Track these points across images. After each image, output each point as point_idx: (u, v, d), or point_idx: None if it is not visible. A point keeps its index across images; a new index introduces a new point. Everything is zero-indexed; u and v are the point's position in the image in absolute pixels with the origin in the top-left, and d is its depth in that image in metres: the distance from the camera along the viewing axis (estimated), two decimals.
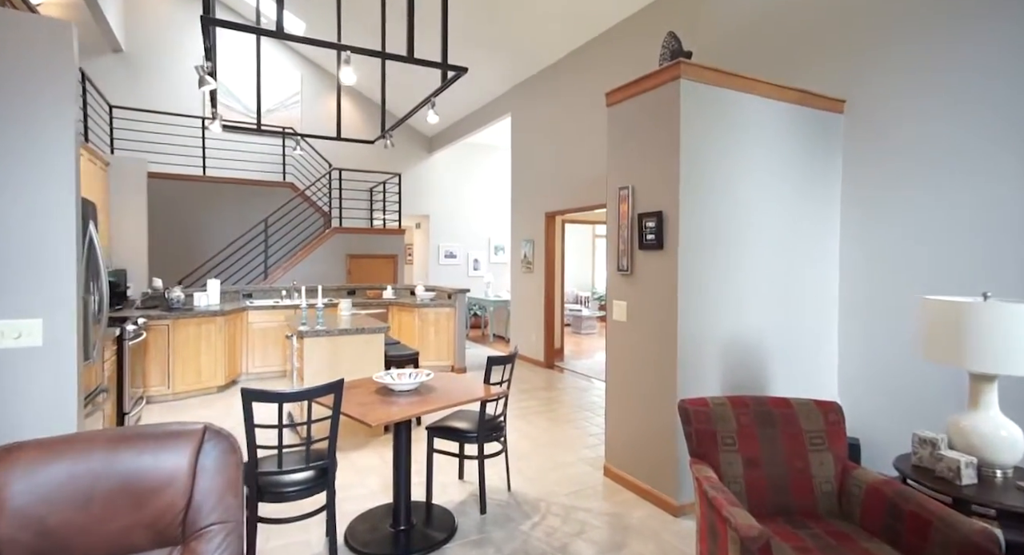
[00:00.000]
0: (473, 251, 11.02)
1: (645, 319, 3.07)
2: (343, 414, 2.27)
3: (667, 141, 2.90)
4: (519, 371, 6.58)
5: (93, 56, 7.77)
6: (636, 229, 3.14)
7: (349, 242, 7.94)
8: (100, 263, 2.77)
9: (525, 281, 7.38)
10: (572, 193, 6.36)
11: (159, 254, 7.36)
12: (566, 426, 4.43)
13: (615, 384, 3.34)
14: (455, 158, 10.78)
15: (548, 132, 6.85)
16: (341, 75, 3.65)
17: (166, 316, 4.95)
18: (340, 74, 3.64)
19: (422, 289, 6.75)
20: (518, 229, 7.62)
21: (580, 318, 9.78)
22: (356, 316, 4.69)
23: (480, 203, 11.10)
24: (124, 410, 4.01)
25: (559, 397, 5.38)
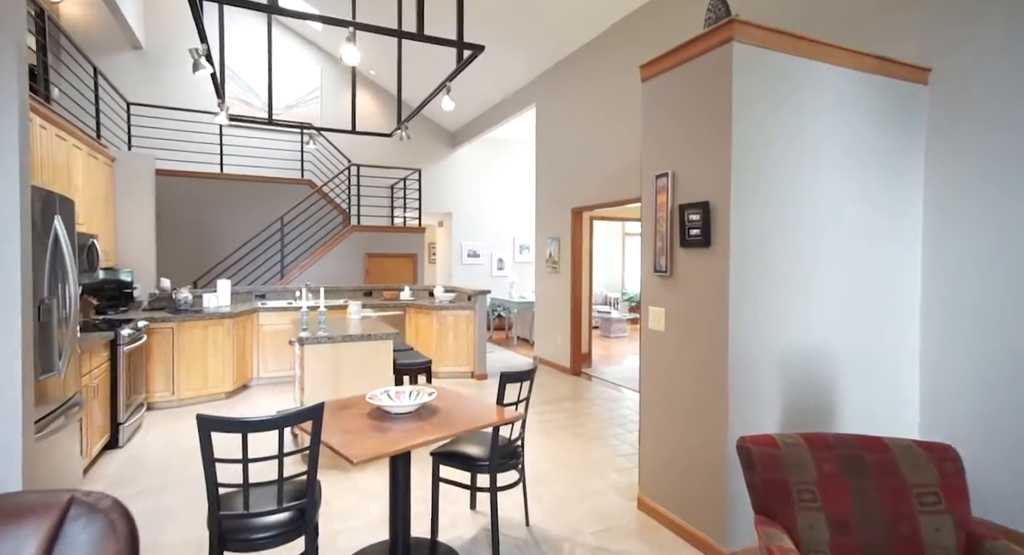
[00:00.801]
0: (497, 250, 10.64)
1: (688, 329, 2.60)
2: (324, 444, 1.89)
3: (716, 118, 2.43)
4: (542, 378, 6.15)
5: (112, 53, 7.70)
6: (677, 223, 2.67)
7: (367, 241, 7.66)
8: (68, 263, 2.47)
9: (550, 281, 6.95)
10: (600, 187, 5.89)
11: (175, 254, 7.21)
12: (593, 444, 3.98)
13: (650, 402, 2.89)
14: (478, 153, 10.40)
15: (575, 122, 6.40)
16: (344, 54, 3.29)
17: (171, 318, 4.71)
18: (343, 52, 3.29)
19: (441, 290, 6.39)
20: (543, 226, 7.18)
21: (609, 321, 9.28)
22: (366, 320, 4.35)
23: (504, 200, 10.70)
24: (119, 420, 3.75)
25: (586, 409, 4.93)
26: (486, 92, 8.28)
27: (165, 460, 3.57)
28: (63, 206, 2.59)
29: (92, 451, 3.33)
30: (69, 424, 2.61)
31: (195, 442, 3.94)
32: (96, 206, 4.46)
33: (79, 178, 4.04)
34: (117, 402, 3.75)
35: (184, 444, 3.88)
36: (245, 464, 1.75)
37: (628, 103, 5.40)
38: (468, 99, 8.71)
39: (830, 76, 2.55)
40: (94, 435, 3.39)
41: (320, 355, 3.53)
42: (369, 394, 2.27)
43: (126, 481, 3.24)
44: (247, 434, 1.73)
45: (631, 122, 5.35)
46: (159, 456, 3.64)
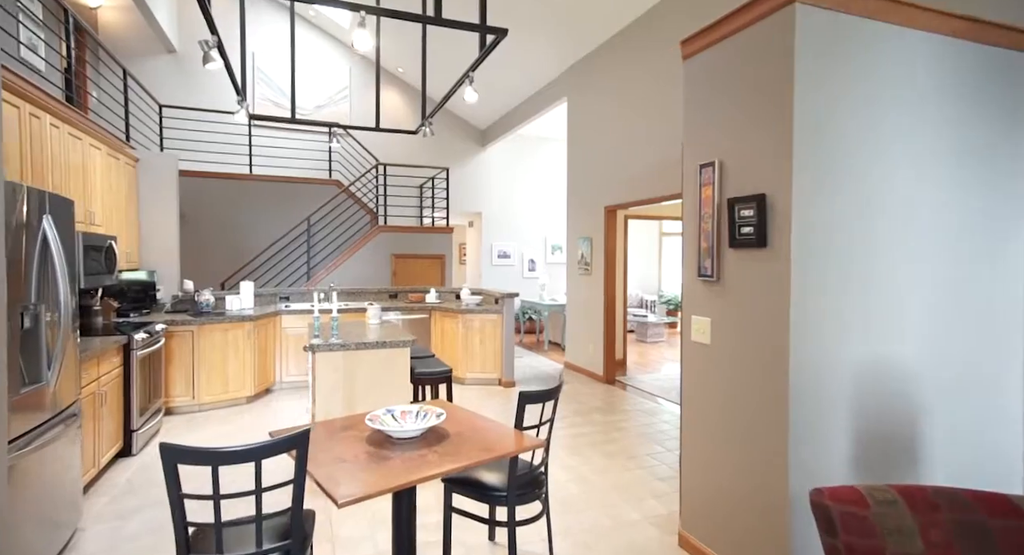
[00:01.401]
0: (528, 250, 10.33)
1: (739, 343, 2.24)
2: (309, 475, 1.64)
3: (773, 96, 2.06)
4: (573, 387, 5.81)
5: (147, 57, 7.79)
6: (726, 220, 2.31)
7: (394, 241, 7.49)
8: (59, 266, 2.31)
9: (582, 283, 6.60)
10: (636, 184, 5.51)
11: (205, 255, 7.22)
12: (629, 464, 3.63)
13: (693, 424, 2.53)
14: (509, 152, 10.13)
15: (608, 116, 6.03)
16: (355, 40, 3.06)
17: (191, 321, 4.62)
18: (354, 38, 3.06)
19: (467, 292, 6.14)
20: (574, 226, 6.84)
21: (645, 325, 8.84)
22: (386, 325, 4.13)
23: (535, 199, 10.39)
24: (132, 427, 3.64)
25: (620, 423, 4.57)
26: (515, 88, 7.99)
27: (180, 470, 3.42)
28: (56, 205, 2.45)
29: (101, 461, 3.21)
30: (64, 436, 2.46)
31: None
32: (117, 207, 4.40)
33: (97, 178, 3.96)
34: (130, 409, 3.63)
35: None
36: (217, 501, 1.51)
37: (666, 92, 5.01)
38: (497, 95, 8.45)
39: (914, 43, 2.14)
40: (104, 443, 3.27)
41: (332, 363, 3.31)
42: (369, 415, 2.01)
43: (134, 491, 3.10)
44: (217, 467, 1.49)
45: (669, 113, 4.96)
46: None
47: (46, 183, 3.17)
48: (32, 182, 3.02)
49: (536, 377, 6.28)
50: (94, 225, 3.87)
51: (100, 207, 4.00)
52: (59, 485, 2.49)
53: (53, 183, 3.27)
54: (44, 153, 3.16)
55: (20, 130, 2.90)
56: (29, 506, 2.26)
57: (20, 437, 2.13)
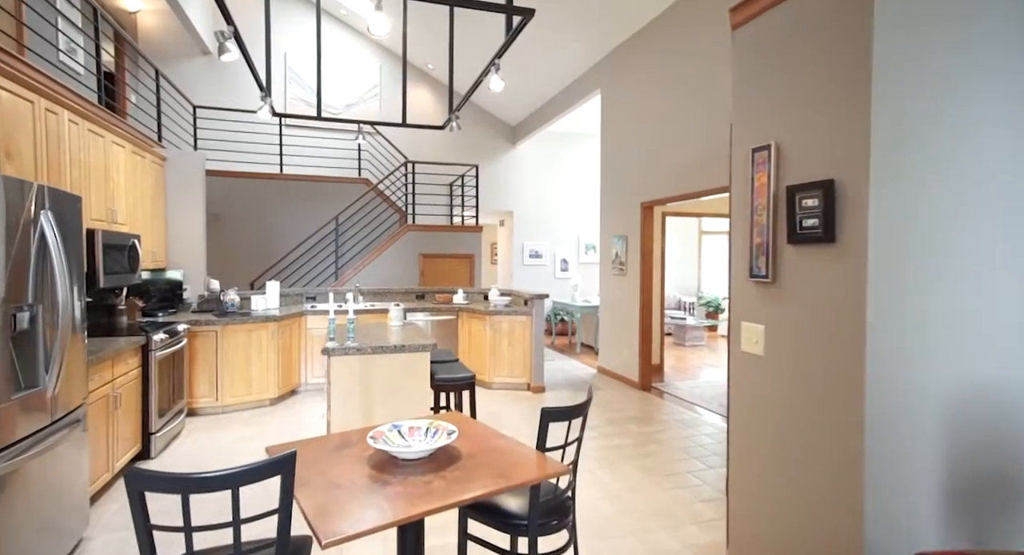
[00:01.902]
0: (561, 250, 10.04)
1: (800, 356, 1.92)
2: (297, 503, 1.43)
3: (844, 62, 1.74)
4: (607, 393, 5.50)
5: (183, 59, 7.90)
6: (783, 211, 1.99)
7: (422, 240, 7.33)
8: (56, 265, 2.20)
9: (616, 284, 6.27)
10: (674, 178, 5.16)
11: (237, 255, 7.25)
12: (666, 482, 3.31)
13: (743, 445, 2.21)
14: (541, 149, 9.86)
15: (644, 107, 5.69)
16: (371, 24, 2.87)
17: (215, 321, 4.55)
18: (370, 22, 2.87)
19: (496, 293, 5.91)
20: (608, 224, 6.52)
21: (683, 327, 8.41)
22: (408, 327, 3.94)
23: (568, 197, 10.08)
24: (150, 429, 3.57)
25: (657, 434, 4.24)
26: (546, 81, 7.72)
27: None
28: (59, 200, 2.34)
29: (116, 465, 3.13)
30: (67, 441, 2.35)
31: (230, 454, 3.69)
32: (142, 206, 4.37)
33: (120, 176, 3.92)
34: (149, 411, 3.56)
35: (218, 456, 3.64)
36: (188, 534, 1.32)
37: (708, 76, 4.65)
38: (527, 90, 8.20)
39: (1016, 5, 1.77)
40: (120, 446, 3.19)
41: (348, 368, 3.13)
42: (372, 432, 1.79)
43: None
44: (188, 495, 1.29)
45: (712, 98, 4.60)
46: (189, 470, 3.39)
47: (63, 180, 3.11)
48: (48, 179, 2.96)
49: (567, 382, 5.99)
50: (116, 224, 3.82)
51: (123, 205, 3.96)
52: (63, 492, 2.39)
53: (72, 180, 3.22)
54: (62, 150, 3.10)
55: (35, 125, 2.83)
56: (30, 513, 2.15)
57: (15, 443, 2.02)
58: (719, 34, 4.48)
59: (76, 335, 2.52)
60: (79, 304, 2.59)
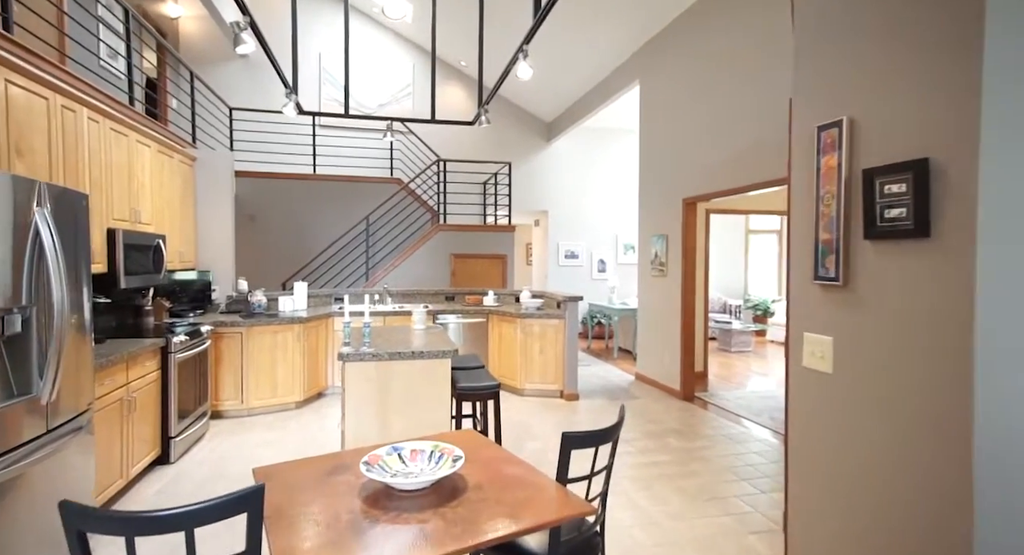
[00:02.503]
0: (598, 250, 9.69)
1: (880, 376, 1.57)
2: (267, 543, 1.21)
3: (949, 18, 1.39)
4: (645, 404, 5.14)
5: (222, 62, 8.01)
6: (859, 200, 1.65)
7: (454, 240, 7.15)
8: (51, 265, 2.08)
9: (655, 286, 5.90)
10: (719, 172, 4.77)
11: (271, 255, 7.26)
12: (711, 508, 2.97)
13: (804, 473, 1.87)
14: (577, 145, 9.54)
15: (685, 96, 5.31)
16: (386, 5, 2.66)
17: (240, 323, 4.48)
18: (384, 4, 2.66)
19: (528, 295, 5.65)
20: (647, 222, 6.15)
21: (729, 332, 7.92)
22: (431, 331, 3.73)
23: (606, 195, 9.72)
24: (169, 433, 3.49)
25: (701, 450, 3.88)
26: (581, 75, 7.41)
27: (209, 484, 3.21)
28: (60, 198, 2.23)
29: (131, 471, 3.04)
30: (66, 449, 2.24)
31: (249, 461, 3.58)
32: (170, 206, 4.34)
33: (145, 176, 3.89)
34: (168, 414, 3.48)
35: (237, 463, 3.53)
36: None
37: (757, 59, 4.26)
38: (562, 85, 7.91)
39: None
40: (136, 451, 3.11)
41: (364, 375, 2.94)
42: (367, 456, 1.57)
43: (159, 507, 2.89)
44: (133, 539, 1.09)
45: (763, 83, 4.20)
46: (205, 477, 3.30)
47: (81, 179, 3.06)
48: (64, 177, 2.90)
49: (603, 390, 5.67)
50: (140, 223, 3.78)
51: (148, 205, 3.92)
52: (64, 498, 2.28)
53: (91, 179, 3.16)
54: (80, 148, 3.05)
55: (50, 123, 2.77)
56: (29, 524, 2.04)
57: (6, 454, 1.91)
58: (771, 8, 4.08)
59: (83, 338, 2.42)
60: (87, 305, 2.49)
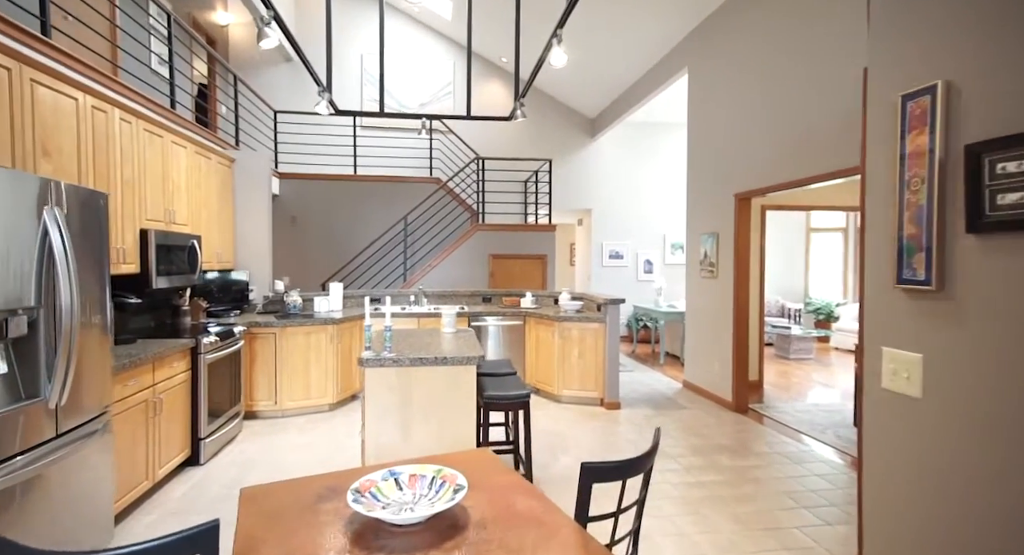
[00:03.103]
0: (644, 250, 9.27)
1: (985, 401, 1.24)
2: None
3: None
4: (693, 415, 4.77)
5: (269, 66, 8.19)
6: (959, 185, 1.32)
7: (492, 241, 6.98)
8: (59, 265, 2.02)
9: (704, 288, 5.50)
10: (776, 163, 4.35)
11: (313, 256, 7.33)
12: (768, 540, 2.63)
13: (886, 511, 1.55)
14: (621, 141, 9.17)
15: (740, 81, 4.90)
16: None
17: (274, 323, 4.47)
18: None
19: (567, 297, 5.39)
20: (696, 220, 5.75)
21: (787, 338, 7.35)
22: (459, 336, 3.55)
23: (652, 193, 9.29)
24: (199, 435, 3.47)
25: (755, 470, 3.50)
26: (626, 66, 7.06)
27: (233, 488, 3.15)
28: (75, 198, 2.18)
29: (158, 473, 3.02)
30: (81, 453, 2.20)
31: (276, 465, 3.52)
32: (207, 206, 4.38)
33: (180, 177, 3.91)
34: (198, 416, 3.46)
35: (263, 467, 3.48)
36: None
37: (821, 35, 3.83)
38: (606, 78, 7.59)
39: None
40: (163, 453, 3.08)
41: (385, 381, 2.79)
42: (359, 482, 1.38)
43: (183, 511, 2.85)
44: None
45: (826, 61, 3.78)
46: (231, 481, 3.25)
47: (112, 179, 3.07)
48: (94, 177, 2.90)
49: (647, 399, 5.32)
50: (175, 224, 3.80)
51: (183, 206, 3.95)
52: (82, 506, 2.24)
53: (123, 180, 3.17)
54: (111, 148, 3.06)
55: (79, 123, 2.78)
56: (43, 529, 2.00)
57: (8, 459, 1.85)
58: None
59: (101, 339, 2.38)
60: (107, 306, 2.45)
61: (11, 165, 2.34)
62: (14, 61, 2.34)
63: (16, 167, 2.36)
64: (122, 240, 3.16)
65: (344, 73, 8.40)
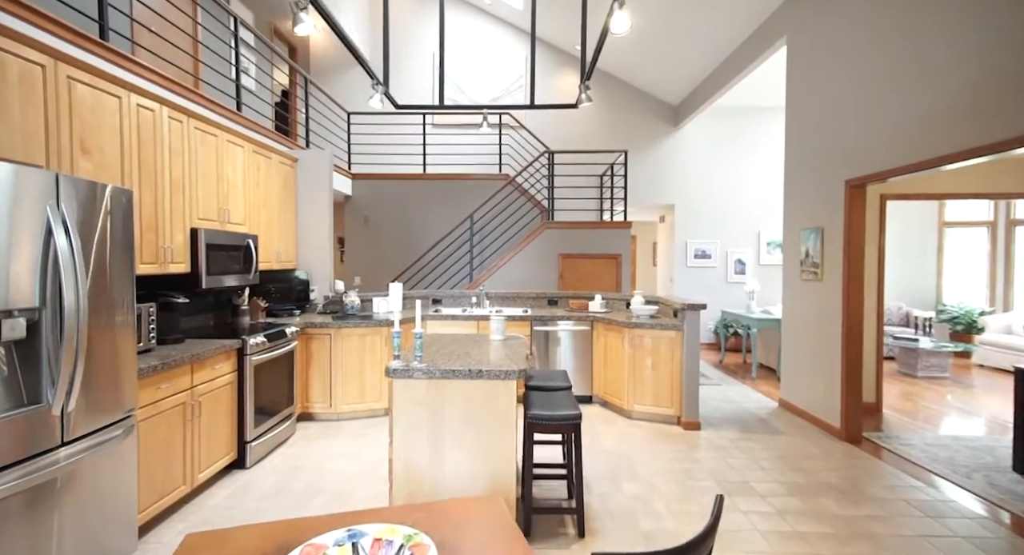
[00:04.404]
0: (735, 249, 8.37)
1: None
2: None
3: None
4: (792, 444, 4.03)
5: (346, 69, 8.36)
6: None
7: (562, 239, 6.55)
8: (63, 264, 1.92)
9: (806, 292, 4.70)
10: (902, 140, 3.53)
11: (382, 257, 7.33)
12: None
13: None
14: (709, 129, 8.33)
15: (855, 41, 4.08)
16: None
17: (329, 324, 4.38)
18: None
19: (639, 301, 4.84)
20: (794, 214, 4.95)
21: (914, 352, 6.19)
22: (507, 344, 3.18)
23: (745, 186, 8.37)
24: (245, 438, 3.40)
25: (870, 523, 2.79)
26: (713, 44, 6.32)
27: (270, 498, 3.02)
28: (85, 192, 2.09)
29: (197, 477, 2.95)
30: (95, 459, 2.10)
31: (319, 474, 3.37)
32: (267, 206, 4.37)
33: (237, 176, 3.90)
34: (244, 418, 3.39)
35: (306, 475, 3.33)
36: None
37: None
38: (690, 59, 6.87)
39: None
40: (203, 458, 3.01)
41: (414, 395, 2.48)
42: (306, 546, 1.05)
43: (214, 519, 2.74)
44: None
45: (974, 13, 2.96)
46: (270, 489, 3.13)
47: (160, 179, 3.05)
48: (140, 176, 2.89)
49: (734, 418, 4.63)
50: (230, 223, 3.79)
51: (239, 205, 3.94)
52: (102, 514, 2.15)
53: (171, 179, 3.16)
54: (158, 147, 3.04)
55: (121, 121, 2.75)
56: (57, 537, 1.92)
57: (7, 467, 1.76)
58: None
59: (124, 341, 2.29)
60: (133, 306, 2.37)
61: (44, 163, 2.31)
62: (48, 57, 2.31)
63: (50, 165, 2.34)
64: (170, 239, 3.14)
65: (416, 71, 8.37)
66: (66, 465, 1.98)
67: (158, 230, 3.04)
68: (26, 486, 1.82)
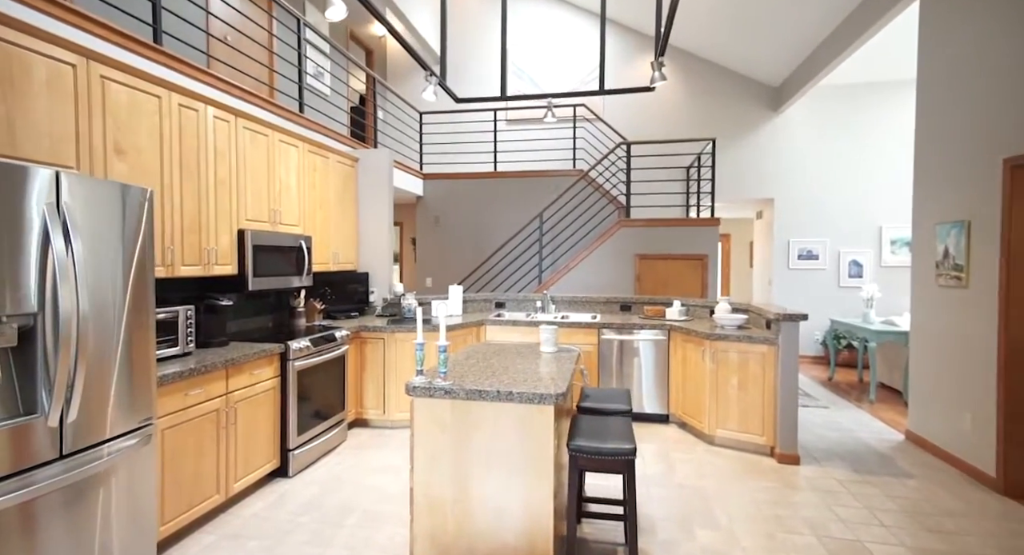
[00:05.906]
0: (849, 248, 7.25)
1: None
2: None
3: None
4: (927, 489, 3.21)
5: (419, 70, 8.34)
6: None
7: (639, 238, 5.98)
8: (59, 267, 1.81)
9: (945, 300, 3.78)
10: None
11: (452, 257, 7.18)
12: None
13: None
14: (817, 112, 7.29)
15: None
16: None
17: (382, 328, 4.21)
18: None
19: (725, 309, 4.18)
20: (928, 204, 4.03)
21: None
22: (558, 358, 2.77)
23: (862, 174, 7.22)
24: (288, 446, 3.29)
25: None
26: (822, 8, 5.42)
27: (304, 515, 2.86)
28: (93, 191, 1.99)
29: (233, 486, 2.86)
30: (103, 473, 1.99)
31: (358, 489, 3.18)
32: (323, 207, 4.30)
33: (290, 177, 3.84)
34: (287, 425, 3.28)
35: (345, 489, 3.15)
36: None
37: None
38: (792, 31, 5.98)
39: None
40: (240, 466, 2.91)
41: (438, 418, 2.16)
42: None
43: (244, 534, 2.61)
44: None
45: None
46: (306, 502, 2.97)
47: (203, 179, 3.01)
48: (182, 177, 2.85)
49: (846, 451, 3.83)
50: (281, 224, 3.73)
51: (293, 206, 3.87)
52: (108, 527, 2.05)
53: (217, 180, 3.11)
54: (202, 148, 3.00)
55: (161, 121, 2.72)
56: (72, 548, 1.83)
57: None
58: None
59: (140, 348, 2.19)
60: (151, 310, 2.27)
61: (75, 164, 2.28)
62: (78, 56, 2.28)
63: (81, 167, 2.30)
64: (215, 241, 3.09)
65: (490, 65, 8.15)
66: (66, 478, 1.88)
67: (201, 231, 2.99)
68: (14, 502, 1.72)
